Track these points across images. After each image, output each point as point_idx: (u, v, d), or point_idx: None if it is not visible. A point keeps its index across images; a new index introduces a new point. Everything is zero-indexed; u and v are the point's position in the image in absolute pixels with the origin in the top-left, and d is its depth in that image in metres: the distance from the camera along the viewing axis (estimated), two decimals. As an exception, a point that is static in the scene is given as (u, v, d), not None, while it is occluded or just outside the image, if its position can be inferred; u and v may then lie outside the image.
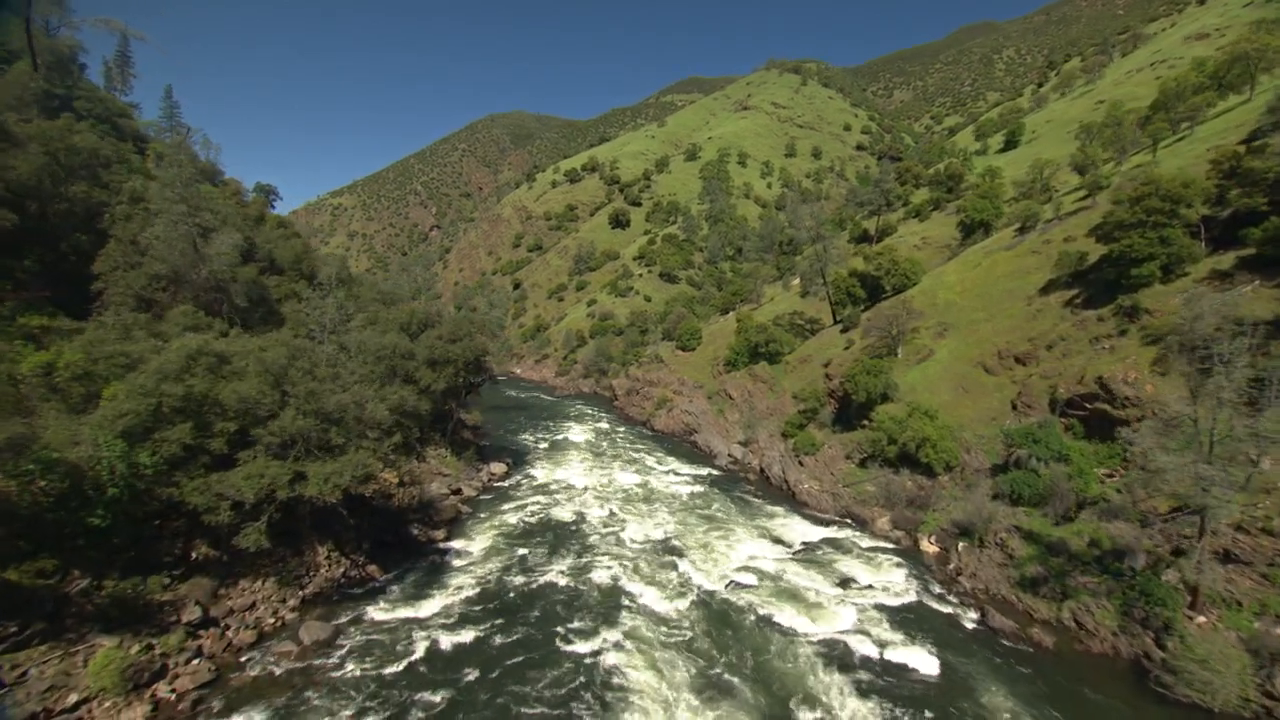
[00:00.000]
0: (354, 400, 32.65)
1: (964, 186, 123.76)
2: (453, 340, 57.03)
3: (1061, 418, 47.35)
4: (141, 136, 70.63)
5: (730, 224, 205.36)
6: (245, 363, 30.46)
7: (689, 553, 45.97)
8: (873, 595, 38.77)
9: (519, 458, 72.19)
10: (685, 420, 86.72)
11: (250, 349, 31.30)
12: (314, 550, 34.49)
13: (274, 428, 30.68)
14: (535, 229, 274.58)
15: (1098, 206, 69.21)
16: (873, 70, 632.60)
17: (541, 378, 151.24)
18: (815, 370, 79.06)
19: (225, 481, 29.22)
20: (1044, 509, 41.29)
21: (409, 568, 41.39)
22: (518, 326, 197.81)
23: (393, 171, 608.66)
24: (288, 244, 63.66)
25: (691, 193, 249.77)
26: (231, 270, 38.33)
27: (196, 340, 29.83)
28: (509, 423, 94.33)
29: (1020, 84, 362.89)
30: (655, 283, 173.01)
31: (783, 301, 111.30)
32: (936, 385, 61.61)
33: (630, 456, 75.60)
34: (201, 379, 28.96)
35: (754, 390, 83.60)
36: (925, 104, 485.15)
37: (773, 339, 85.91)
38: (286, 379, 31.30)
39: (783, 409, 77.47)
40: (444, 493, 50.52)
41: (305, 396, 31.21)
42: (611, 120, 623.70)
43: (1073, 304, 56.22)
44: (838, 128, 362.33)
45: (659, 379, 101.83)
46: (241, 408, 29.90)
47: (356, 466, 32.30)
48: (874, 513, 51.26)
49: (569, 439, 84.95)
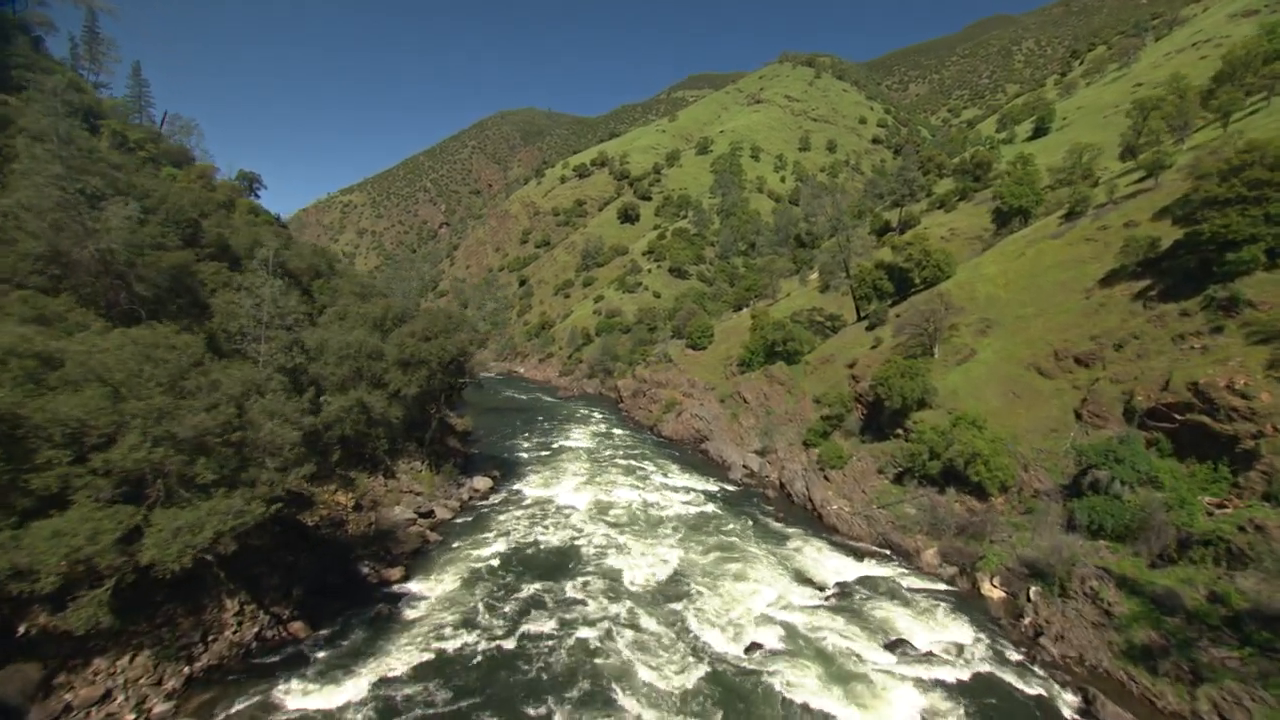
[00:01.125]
0: (227, 421, 25.20)
1: (992, 175, 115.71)
2: (426, 338, 50.00)
3: (1142, 430, 39.65)
4: (96, 113, 64.15)
5: (743, 218, 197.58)
6: (84, 369, 23.07)
7: (699, 599, 37.80)
8: (934, 665, 30.61)
9: (509, 469, 64.93)
10: (695, 426, 79.40)
11: (83, 350, 23.77)
12: (220, 604, 27.05)
13: (100, 461, 22.06)
14: (543, 225, 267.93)
15: (1162, 187, 61.36)
16: (886, 64, 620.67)
17: (545, 378, 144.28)
18: (838, 371, 71.53)
19: (22, 542, 21.16)
20: (1133, 545, 33.66)
21: (348, 621, 33.12)
22: (522, 324, 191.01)
23: (402, 169, 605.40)
24: (250, 231, 56.92)
25: (703, 186, 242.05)
26: (132, 251, 31.30)
27: (10, 336, 22.72)
28: (504, 427, 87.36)
29: (1040, 75, 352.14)
30: (665, 278, 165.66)
31: (800, 297, 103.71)
32: (982, 390, 53.97)
33: (634, 467, 68.25)
34: (10, 390, 21.90)
35: (770, 393, 76.14)
36: (942, 97, 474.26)
37: (791, 337, 78.38)
38: (138, 390, 23.64)
39: (803, 414, 69.98)
40: (409, 517, 43.27)
41: (152, 416, 23.91)
42: (622, 116, 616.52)
43: (1145, 296, 48.38)
44: (853, 121, 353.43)
45: (667, 380, 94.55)
46: (68, 431, 22.81)
47: (225, 516, 23.29)
48: (918, 541, 43.68)
49: (568, 446, 77.69)
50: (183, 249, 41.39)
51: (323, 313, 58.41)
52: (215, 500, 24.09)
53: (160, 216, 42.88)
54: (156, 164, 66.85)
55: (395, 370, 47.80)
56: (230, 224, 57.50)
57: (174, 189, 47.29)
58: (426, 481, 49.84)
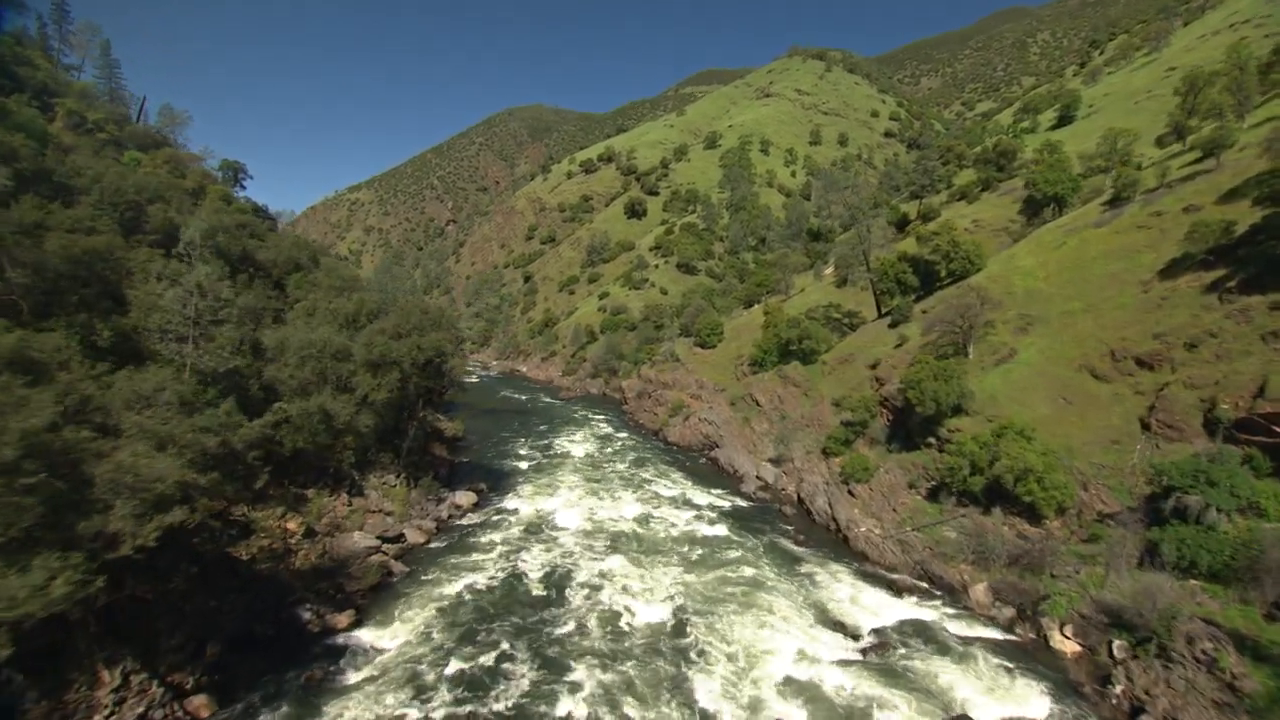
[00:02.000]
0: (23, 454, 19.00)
1: (1017, 164, 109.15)
2: (398, 335, 44.37)
3: (1231, 445, 33.59)
4: (51, 91, 59.06)
5: (753, 212, 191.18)
6: None
7: (708, 651, 31.28)
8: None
9: (498, 480, 59.13)
10: (704, 431, 73.56)
11: None
12: (94, 677, 20.41)
13: None
14: (549, 221, 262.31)
15: (1225, 167, 55.12)
16: (898, 59, 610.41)
17: (547, 377, 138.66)
18: (859, 372, 65.59)
19: None
20: (1239, 589, 27.69)
21: (269, 691, 26.16)
22: (525, 322, 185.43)
23: (410, 166, 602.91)
24: (215, 218, 51.56)
25: (711, 181, 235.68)
26: (6, 231, 25.75)
27: None
28: (500, 431, 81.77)
29: (1057, 67, 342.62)
30: (672, 274, 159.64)
31: (815, 292, 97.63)
32: (1026, 395, 47.89)
33: (636, 478, 62.40)
34: None
35: (785, 395, 70.24)
36: (955, 91, 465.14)
37: (807, 335, 72.41)
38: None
39: (821, 419, 64.07)
40: (371, 544, 37.24)
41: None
42: (630, 113, 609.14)
43: (1221, 288, 42.19)
44: (864, 114, 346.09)
45: (674, 381, 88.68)
46: None
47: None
48: (963, 573, 37.66)
49: (565, 453, 71.88)
50: (117, 235, 36.04)
51: (293, 309, 53.07)
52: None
53: (94, 198, 37.53)
54: (120, 147, 61.73)
55: (364, 372, 42.24)
56: (192, 210, 52.21)
57: (113, 170, 41.94)
58: (400, 498, 44.17)
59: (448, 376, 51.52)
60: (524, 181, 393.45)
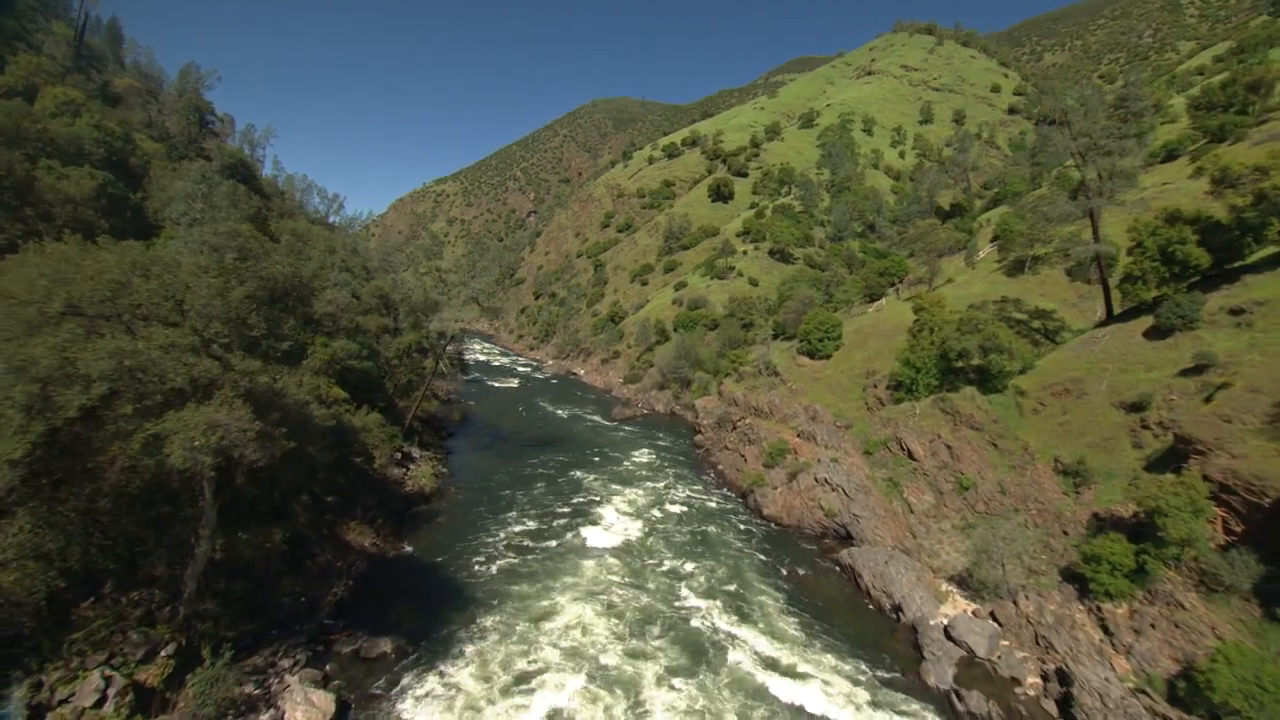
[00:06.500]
0: None
1: (1274, 101, 76.97)
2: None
3: None
4: None
5: (860, 193, 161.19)
6: None
7: None
8: None
9: (439, 619, 33.49)
10: (825, 503, 46.74)
11: None
12: None
13: None
14: (627, 207, 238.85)
15: None
16: (1014, 36, 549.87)
17: (606, 383, 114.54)
18: (1102, 415, 38.19)
19: None
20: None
21: None
22: (591, 315, 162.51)
23: (495, 159, 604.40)
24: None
25: (808, 161, 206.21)
26: None
27: None
28: (502, 480, 56.95)
29: (1219, 30, 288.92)
30: (764, 262, 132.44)
31: (974, 281, 69.06)
32: None
33: (702, 620, 35.75)
34: None
35: (958, 445, 43.29)
36: (1090, 63, 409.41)
37: (995, 342, 45.02)
38: None
39: (1042, 497, 36.99)
40: None
41: None
42: (717, 102, 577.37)
43: None
44: (983, 89, 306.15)
45: (772, 405, 62.37)
46: None
47: None
48: None
49: (584, 545, 44.97)
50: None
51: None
52: None
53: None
54: None
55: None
56: None
57: None
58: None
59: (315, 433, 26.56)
60: (605, 170, 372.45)
